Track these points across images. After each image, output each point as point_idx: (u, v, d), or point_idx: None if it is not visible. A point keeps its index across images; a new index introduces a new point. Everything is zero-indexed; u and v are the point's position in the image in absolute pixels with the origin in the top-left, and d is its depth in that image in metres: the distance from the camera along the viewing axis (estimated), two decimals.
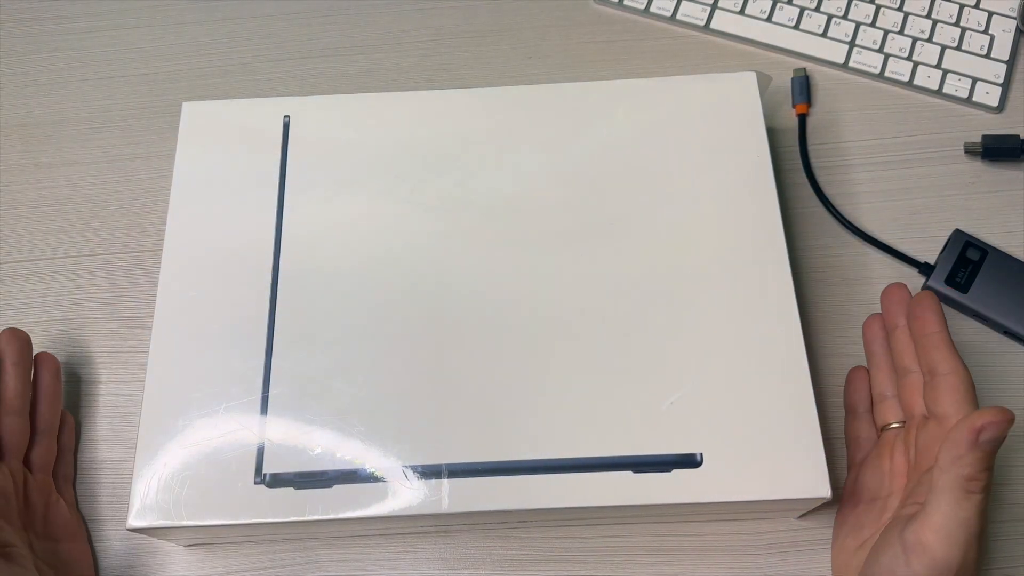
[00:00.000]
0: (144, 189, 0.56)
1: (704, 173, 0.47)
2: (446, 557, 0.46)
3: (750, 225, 0.46)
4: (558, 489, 0.40)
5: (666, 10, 0.61)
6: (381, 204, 0.47)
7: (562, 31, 0.61)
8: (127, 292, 0.53)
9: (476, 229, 0.46)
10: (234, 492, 0.41)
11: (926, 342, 0.41)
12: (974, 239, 0.51)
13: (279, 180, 0.48)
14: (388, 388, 0.43)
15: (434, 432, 0.42)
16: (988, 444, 0.35)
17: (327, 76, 0.60)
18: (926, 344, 0.41)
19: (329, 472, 0.41)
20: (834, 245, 0.53)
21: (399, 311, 0.44)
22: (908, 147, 0.56)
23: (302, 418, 0.42)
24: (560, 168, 0.48)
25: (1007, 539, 0.45)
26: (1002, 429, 0.35)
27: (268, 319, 0.44)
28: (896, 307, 0.44)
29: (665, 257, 0.45)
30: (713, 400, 0.42)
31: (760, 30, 0.60)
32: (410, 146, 0.49)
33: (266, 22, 0.62)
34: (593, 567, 0.45)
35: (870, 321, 0.46)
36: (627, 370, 0.43)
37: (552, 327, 0.44)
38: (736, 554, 0.45)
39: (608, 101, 0.50)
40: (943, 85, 0.57)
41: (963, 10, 0.59)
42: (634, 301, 0.44)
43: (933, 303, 0.41)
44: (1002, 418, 0.35)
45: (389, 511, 0.40)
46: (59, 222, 0.55)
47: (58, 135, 0.58)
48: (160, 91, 0.60)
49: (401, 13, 0.62)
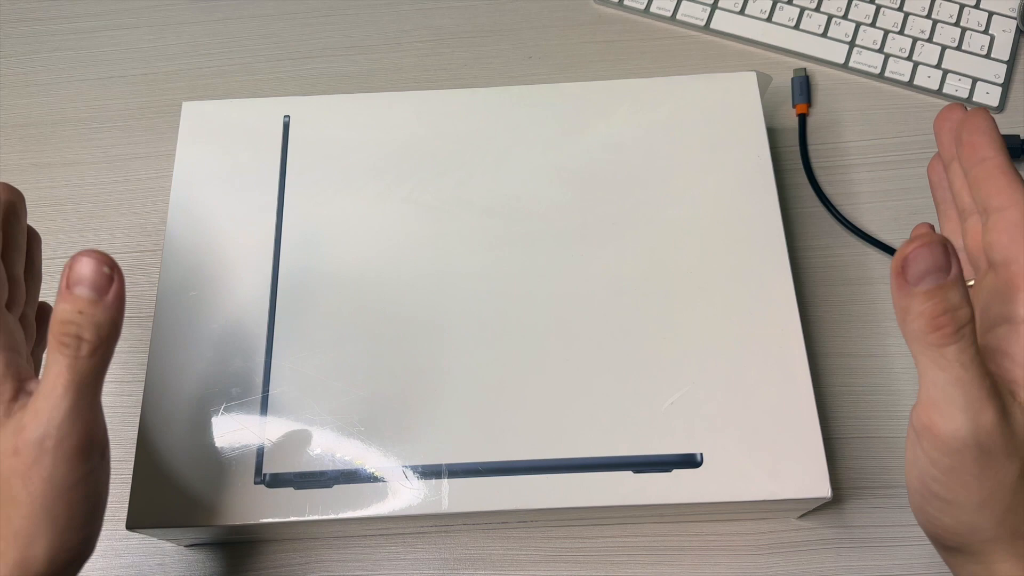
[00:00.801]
0: (144, 189, 0.56)
1: (704, 173, 0.47)
2: (446, 557, 0.45)
3: (750, 225, 0.46)
4: (558, 489, 0.40)
5: (666, 10, 0.61)
6: (381, 204, 0.47)
7: (562, 31, 0.61)
8: (127, 292, 0.53)
9: (476, 229, 0.46)
10: (234, 492, 0.40)
11: (976, 172, 0.33)
12: None
13: (279, 180, 0.48)
14: (388, 388, 0.43)
15: (434, 432, 0.42)
16: (923, 283, 0.28)
17: (327, 76, 0.60)
18: (976, 175, 0.33)
19: (329, 472, 0.41)
20: (834, 245, 0.53)
21: (399, 311, 0.44)
22: (908, 147, 0.56)
23: (302, 418, 0.42)
24: (560, 168, 0.48)
25: None
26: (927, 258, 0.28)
27: (268, 319, 0.44)
28: (948, 136, 0.36)
29: (665, 257, 0.45)
30: (713, 400, 0.42)
31: (760, 30, 0.60)
32: (410, 146, 0.49)
33: (266, 22, 0.62)
34: (593, 567, 0.45)
35: (933, 162, 0.38)
36: (627, 370, 0.43)
37: (551, 327, 0.44)
38: (736, 554, 0.45)
39: (608, 101, 0.50)
40: (943, 85, 0.57)
41: (963, 10, 0.59)
42: (634, 301, 0.44)
43: (983, 122, 0.33)
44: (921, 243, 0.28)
45: (389, 511, 0.40)
46: (59, 222, 0.55)
47: (58, 135, 0.58)
48: (160, 91, 0.60)
49: (401, 13, 0.62)
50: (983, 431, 0.29)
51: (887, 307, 0.51)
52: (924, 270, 0.28)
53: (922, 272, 0.28)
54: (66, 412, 0.30)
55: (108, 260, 0.31)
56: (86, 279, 0.31)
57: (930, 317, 0.28)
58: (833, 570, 0.45)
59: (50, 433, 0.30)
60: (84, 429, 0.31)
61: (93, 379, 0.31)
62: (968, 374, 0.29)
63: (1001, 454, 0.29)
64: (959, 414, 0.29)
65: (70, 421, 0.30)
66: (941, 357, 0.29)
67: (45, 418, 0.30)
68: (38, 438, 0.30)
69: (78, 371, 0.30)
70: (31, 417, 0.30)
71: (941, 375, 0.29)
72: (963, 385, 0.29)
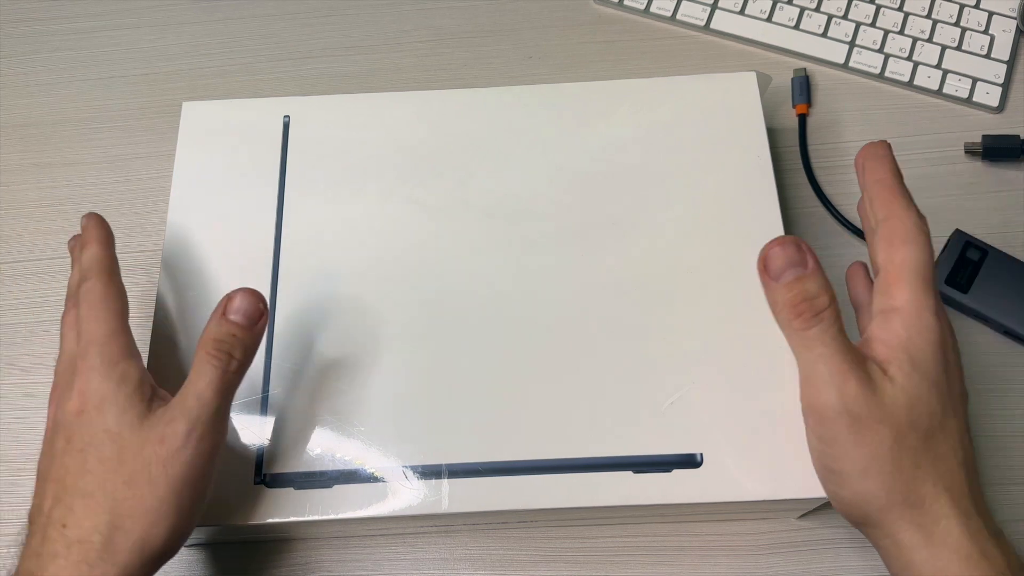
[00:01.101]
0: (144, 189, 0.56)
1: (704, 173, 0.47)
2: (446, 557, 0.45)
3: (750, 225, 0.46)
4: (558, 489, 0.40)
5: (666, 10, 0.61)
6: (381, 204, 0.47)
7: (562, 31, 0.61)
8: (127, 292, 0.53)
9: (476, 229, 0.46)
10: (234, 492, 0.40)
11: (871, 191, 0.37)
12: (974, 239, 0.51)
13: (279, 180, 0.48)
14: (388, 388, 0.43)
15: (434, 432, 0.42)
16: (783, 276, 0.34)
17: (327, 76, 0.60)
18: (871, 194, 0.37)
19: (329, 472, 0.41)
20: (834, 245, 0.53)
21: (399, 311, 0.44)
22: (908, 147, 0.56)
23: (302, 418, 0.42)
24: (560, 168, 0.48)
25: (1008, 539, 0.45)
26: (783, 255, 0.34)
27: (268, 319, 0.44)
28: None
29: (665, 257, 0.45)
30: (713, 400, 0.42)
31: (760, 30, 0.60)
32: (410, 146, 0.49)
33: (266, 22, 0.62)
34: (593, 567, 0.45)
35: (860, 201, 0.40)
36: (627, 370, 0.43)
37: (552, 327, 0.44)
38: (736, 554, 0.45)
39: (608, 101, 0.50)
40: (943, 85, 0.57)
41: (963, 10, 0.59)
42: (634, 301, 0.44)
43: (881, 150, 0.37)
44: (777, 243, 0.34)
45: (389, 511, 0.40)
46: (59, 222, 0.55)
47: (58, 135, 0.58)
48: (160, 91, 0.60)
49: (401, 13, 0.62)
50: (849, 398, 0.33)
51: None
52: (783, 265, 0.34)
53: (781, 267, 0.34)
54: (212, 412, 0.35)
55: (262, 298, 0.38)
56: (243, 309, 0.37)
57: (791, 305, 0.34)
58: (833, 570, 0.45)
59: (196, 428, 0.35)
60: (221, 430, 0.36)
61: (231, 391, 0.37)
62: (829, 350, 0.33)
63: (871, 420, 0.33)
64: (826, 387, 0.33)
65: (214, 421, 0.36)
66: (806, 339, 0.34)
67: (195, 414, 0.35)
68: (186, 430, 0.35)
69: (225, 382, 0.36)
70: (180, 412, 0.35)
71: (808, 354, 0.34)
72: (826, 360, 0.33)
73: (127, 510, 0.34)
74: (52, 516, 0.34)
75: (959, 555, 0.33)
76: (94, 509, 0.34)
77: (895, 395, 0.33)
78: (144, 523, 0.34)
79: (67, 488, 0.35)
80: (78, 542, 0.34)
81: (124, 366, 0.37)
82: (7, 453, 0.49)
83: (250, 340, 0.37)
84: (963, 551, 0.33)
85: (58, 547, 0.34)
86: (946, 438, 0.34)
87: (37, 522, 0.35)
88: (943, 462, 0.34)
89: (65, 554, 0.33)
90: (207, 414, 0.35)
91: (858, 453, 0.33)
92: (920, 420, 0.33)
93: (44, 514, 0.35)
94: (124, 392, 0.36)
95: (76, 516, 0.34)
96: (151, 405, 0.36)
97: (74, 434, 0.36)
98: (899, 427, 0.33)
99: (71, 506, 0.34)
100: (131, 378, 0.36)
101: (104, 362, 0.36)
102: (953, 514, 0.33)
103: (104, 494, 0.34)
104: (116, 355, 0.37)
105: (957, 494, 0.33)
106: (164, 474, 0.34)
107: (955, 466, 0.34)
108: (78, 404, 0.36)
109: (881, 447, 0.33)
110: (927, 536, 0.33)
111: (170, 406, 0.36)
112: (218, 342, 0.36)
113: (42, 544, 0.34)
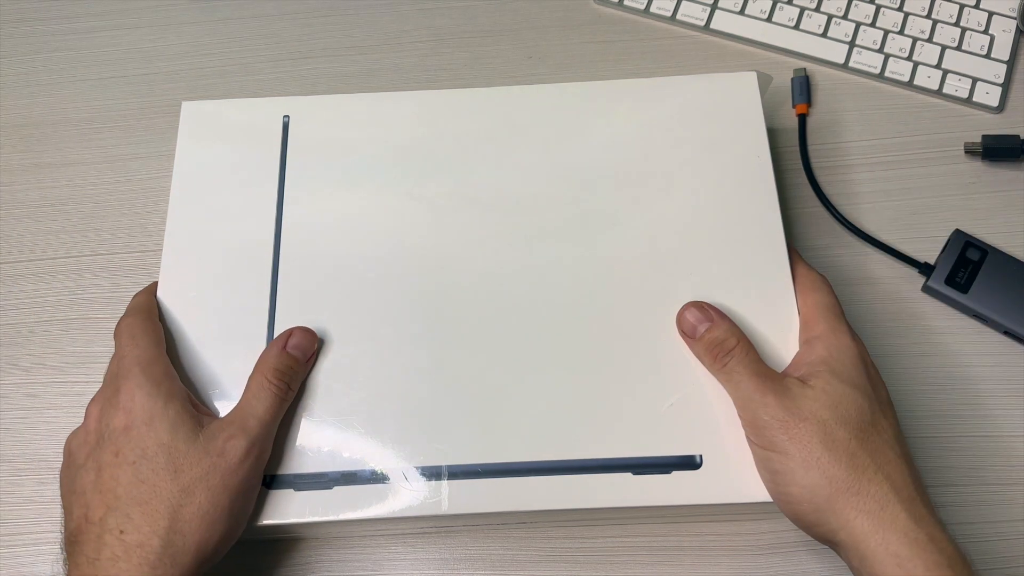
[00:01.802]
0: (144, 189, 0.56)
1: (704, 173, 0.47)
2: (446, 557, 0.46)
3: (750, 225, 0.46)
4: (558, 491, 0.40)
5: (666, 10, 0.60)
6: (380, 204, 0.47)
7: (562, 31, 0.61)
8: (127, 292, 0.52)
9: (476, 229, 0.46)
10: None
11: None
12: (974, 239, 0.51)
13: (279, 180, 0.48)
14: (388, 388, 0.43)
15: (434, 433, 0.42)
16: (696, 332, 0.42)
17: (327, 76, 0.60)
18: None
19: (329, 474, 0.41)
20: (834, 245, 0.53)
21: (399, 312, 0.44)
22: (908, 147, 0.56)
23: (302, 419, 0.42)
24: (560, 168, 0.48)
25: (1007, 539, 0.45)
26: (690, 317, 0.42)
27: (268, 319, 0.44)
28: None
29: (665, 258, 0.45)
30: (713, 402, 0.42)
31: (760, 30, 0.60)
32: (410, 146, 0.49)
33: (266, 22, 0.62)
34: (593, 567, 0.45)
35: None
36: (627, 372, 0.43)
37: (551, 329, 0.44)
38: (736, 554, 0.45)
39: (608, 101, 0.49)
40: (943, 85, 0.57)
41: (963, 10, 0.59)
42: (634, 302, 0.44)
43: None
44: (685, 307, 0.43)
45: (389, 512, 0.40)
46: (59, 222, 0.55)
47: (58, 135, 0.58)
48: (160, 91, 0.60)
49: (401, 13, 0.62)
50: (770, 407, 0.38)
51: (887, 307, 0.51)
52: (693, 323, 0.42)
53: (692, 325, 0.42)
54: (269, 432, 0.40)
55: (317, 337, 0.43)
56: (301, 345, 0.42)
57: (708, 351, 0.41)
58: (833, 570, 0.45)
59: (255, 445, 0.39)
60: (269, 449, 0.40)
61: (282, 415, 0.41)
62: (746, 374, 0.40)
63: (796, 419, 0.38)
64: (751, 403, 0.39)
65: (269, 440, 0.40)
66: (726, 372, 0.40)
67: (255, 434, 0.39)
68: (246, 446, 0.38)
69: (280, 408, 0.40)
70: (240, 429, 0.39)
71: (731, 383, 0.40)
72: (745, 382, 0.39)
73: (186, 516, 0.36)
74: (107, 524, 0.36)
75: (907, 538, 0.35)
76: (152, 515, 0.36)
77: (815, 397, 0.38)
78: (201, 528, 0.37)
79: (120, 498, 0.37)
80: (138, 546, 0.36)
81: (168, 385, 0.40)
82: (7, 453, 0.49)
83: (303, 372, 0.42)
84: (911, 534, 0.35)
85: (117, 551, 0.36)
86: (879, 433, 0.38)
87: (88, 532, 0.37)
88: (880, 454, 0.37)
89: (126, 557, 0.35)
90: (265, 433, 0.39)
91: (793, 448, 0.37)
92: (849, 416, 0.38)
93: (96, 523, 0.37)
94: (174, 408, 0.39)
95: (134, 522, 0.36)
96: (201, 420, 0.39)
97: (122, 448, 0.38)
98: (824, 423, 0.37)
99: (128, 514, 0.36)
100: (177, 395, 0.39)
101: (149, 380, 0.39)
102: (896, 499, 0.36)
103: (161, 501, 0.36)
104: (159, 375, 0.40)
105: (898, 483, 0.37)
106: (223, 484, 0.37)
107: (893, 458, 0.38)
108: (125, 420, 0.38)
109: (812, 440, 0.37)
110: (875, 521, 0.36)
111: (227, 422, 0.39)
112: (279, 372, 0.40)
113: (98, 551, 0.36)
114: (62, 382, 0.50)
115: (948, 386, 0.49)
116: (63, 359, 0.51)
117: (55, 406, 0.50)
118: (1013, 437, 0.47)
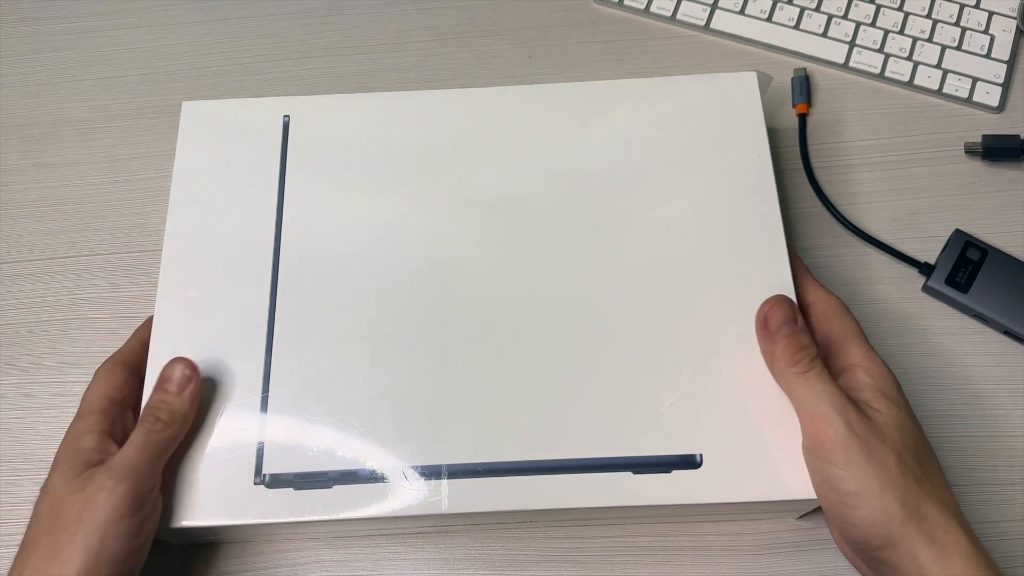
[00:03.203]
0: (144, 189, 0.56)
1: (704, 173, 0.47)
2: (446, 557, 0.46)
3: (750, 225, 0.46)
4: (558, 490, 0.40)
5: (666, 10, 0.61)
6: (381, 205, 0.47)
7: (562, 31, 0.61)
8: (127, 292, 0.53)
9: (476, 229, 0.46)
10: (234, 492, 0.41)
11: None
12: (974, 239, 0.51)
13: (279, 180, 0.48)
14: (388, 388, 0.43)
15: (434, 432, 0.42)
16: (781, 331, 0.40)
17: (327, 76, 0.60)
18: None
19: (329, 473, 0.41)
20: (834, 245, 0.53)
21: (399, 312, 0.44)
22: (908, 147, 0.56)
23: (302, 418, 0.42)
24: (560, 168, 0.48)
25: (1007, 539, 0.45)
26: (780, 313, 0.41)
27: (268, 319, 0.44)
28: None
29: (665, 257, 0.45)
30: (713, 401, 0.42)
31: (760, 30, 0.60)
32: (410, 146, 0.49)
33: (266, 22, 0.62)
34: (593, 567, 0.45)
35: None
36: (627, 371, 0.43)
37: (552, 328, 0.44)
38: (736, 554, 0.45)
39: (608, 101, 0.49)
40: (943, 85, 0.57)
41: (963, 10, 0.59)
42: (634, 302, 0.44)
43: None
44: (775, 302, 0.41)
45: (389, 512, 0.40)
46: (59, 222, 0.55)
47: (58, 135, 0.58)
48: (160, 91, 0.60)
49: (401, 13, 0.62)
50: (855, 425, 0.38)
51: (887, 307, 0.51)
52: (780, 321, 0.41)
53: (779, 323, 0.41)
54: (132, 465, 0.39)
55: (190, 365, 0.42)
56: (173, 379, 0.42)
57: (791, 355, 0.40)
58: (833, 570, 0.45)
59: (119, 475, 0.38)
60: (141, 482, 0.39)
61: (160, 450, 0.40)
62: (828, 387, 0.39)
63: (877, 442, 0.37)
64: (834, 417, 0.38)
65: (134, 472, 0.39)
66: (806, 381, 0.39)
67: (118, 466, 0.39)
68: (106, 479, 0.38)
69: (150, 441, 0.40)
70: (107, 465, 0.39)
71: (810, 393, 0.39)
72: (827, 396, 0.38)
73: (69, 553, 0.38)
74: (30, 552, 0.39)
75: (970, 561, 0.36)
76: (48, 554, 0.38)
77: (886, 422, 0.38)
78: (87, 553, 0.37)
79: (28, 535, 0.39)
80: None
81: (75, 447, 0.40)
82: (7, 453, 0.49)
83: (178, 404, 0.41)
84: (972, 558, 0.36)
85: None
86: (932, 460, 0.39)
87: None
88: (936, 480, 0.38)
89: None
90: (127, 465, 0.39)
91: (873, 471, 0.37)
92: (911, 443, 0.38)
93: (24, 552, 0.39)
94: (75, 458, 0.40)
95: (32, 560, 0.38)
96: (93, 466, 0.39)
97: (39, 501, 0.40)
98: (898, 448, 0.37)
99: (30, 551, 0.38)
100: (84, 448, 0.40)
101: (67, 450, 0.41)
102: (957, 524, 0.36)
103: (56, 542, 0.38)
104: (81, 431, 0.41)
105: (953, 508, 0.37)
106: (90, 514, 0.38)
107: (944, 484, 0.38)
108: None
109: (889, 464, 0.37)
110: (941, 548, 0.36)
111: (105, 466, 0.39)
112: (150, 408, 0.41)
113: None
114: (61, 382, 0.50)
115: (948, 386, 0.49)
116: (63, 359, 0.51)
117: (55, 406, 0.50)
118: (1013, 437, 0.47)
